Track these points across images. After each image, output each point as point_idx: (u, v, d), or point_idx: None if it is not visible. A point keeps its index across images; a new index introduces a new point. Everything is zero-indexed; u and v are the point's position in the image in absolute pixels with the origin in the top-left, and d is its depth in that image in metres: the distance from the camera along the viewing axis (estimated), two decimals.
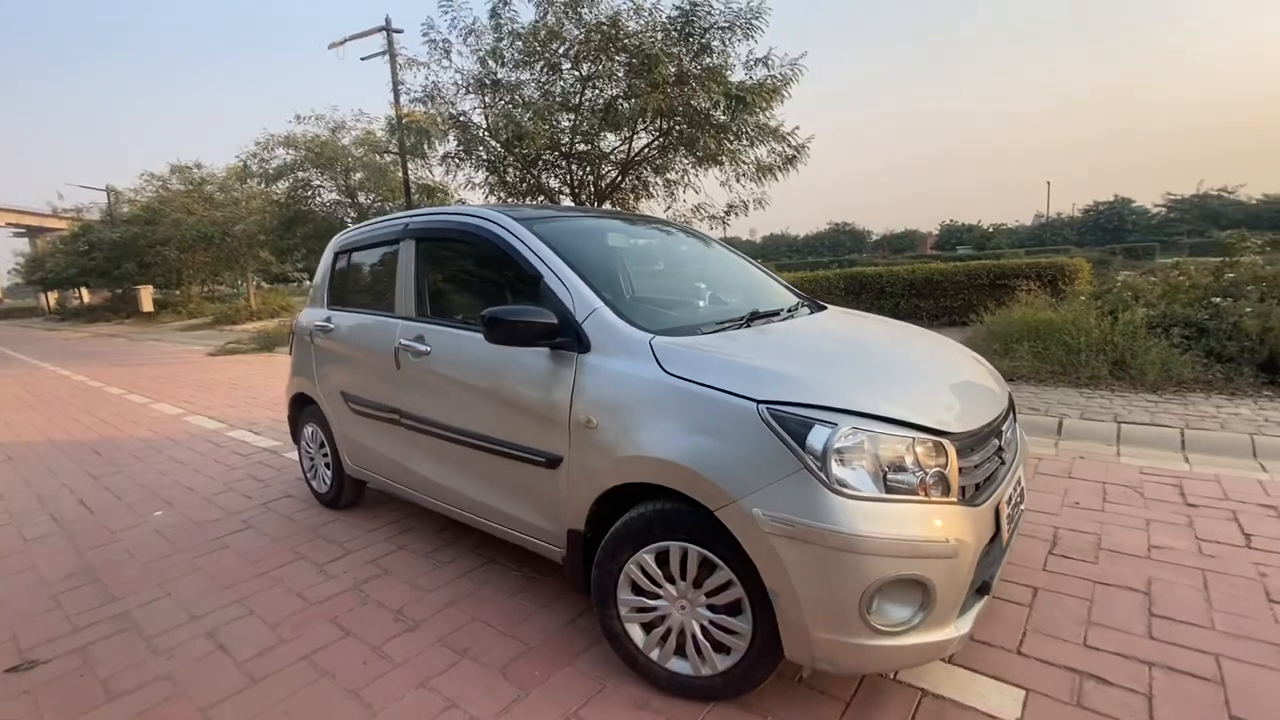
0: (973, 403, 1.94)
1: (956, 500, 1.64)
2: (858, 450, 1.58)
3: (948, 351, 2.43)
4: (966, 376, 2.16)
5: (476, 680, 2.02)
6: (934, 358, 2.28)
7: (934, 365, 2.18)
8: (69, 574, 2.94)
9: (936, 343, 2.54)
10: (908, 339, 2.51)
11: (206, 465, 4.64)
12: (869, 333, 2.54)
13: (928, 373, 2.09)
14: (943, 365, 2.21)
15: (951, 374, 2.14)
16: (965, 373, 2.20)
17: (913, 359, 2.21)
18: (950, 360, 2.30)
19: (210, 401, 7.29)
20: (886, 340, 2.44)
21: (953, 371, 2.17)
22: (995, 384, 2.25)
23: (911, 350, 2.33)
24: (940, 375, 2.09)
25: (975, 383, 2.13)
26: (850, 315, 2.86)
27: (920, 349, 2.37)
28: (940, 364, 2.22)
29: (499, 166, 12.29)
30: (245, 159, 15.92)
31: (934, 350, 2.39)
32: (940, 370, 2.15)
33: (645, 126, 11.37)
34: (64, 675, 2.16)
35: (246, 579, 2.81)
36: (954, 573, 1.58)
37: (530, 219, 2.49)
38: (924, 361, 2.20)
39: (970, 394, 2.01)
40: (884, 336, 2.51)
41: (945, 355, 2.36)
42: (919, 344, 2.45)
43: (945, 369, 2.17)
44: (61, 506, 3.89)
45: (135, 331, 22.12)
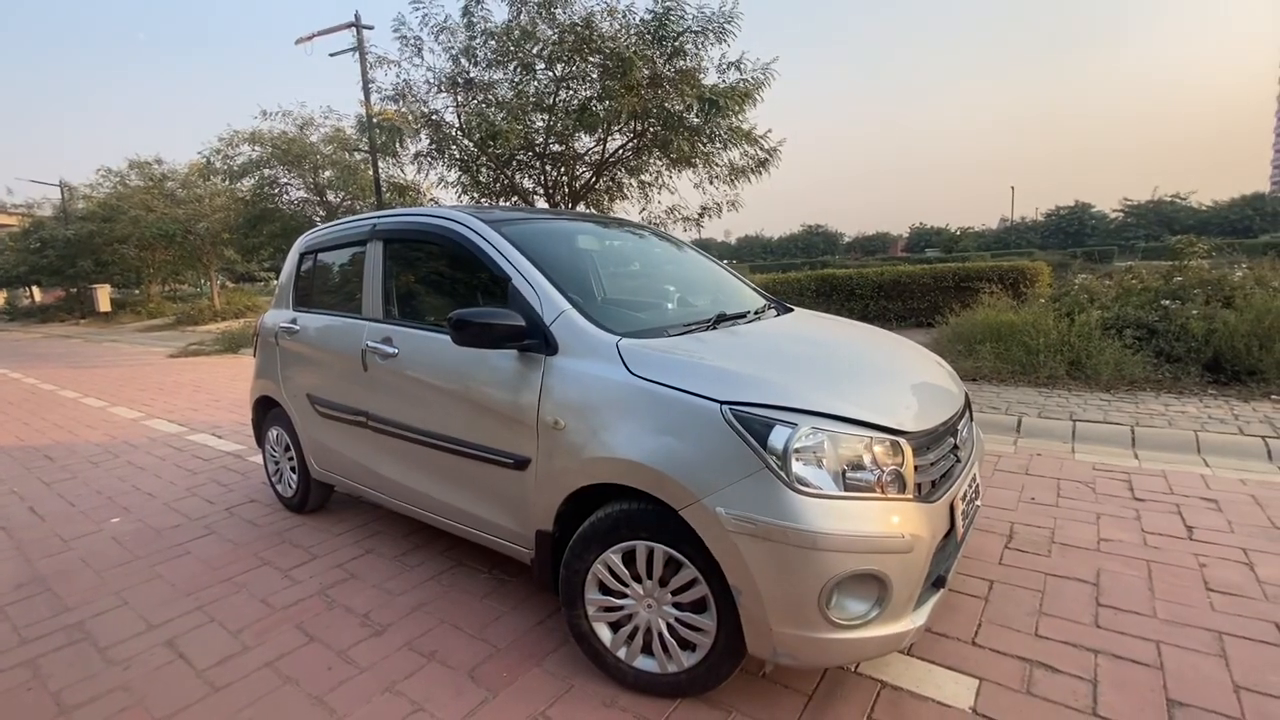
0: (929, 402, 2.01)
1: (913, 497, 1.69)
2: (817, 449, 1.62)
3: (907, 353, 2.50)
4: (924, 377, 2.23)
5: (444, 683, 2.01)
6: (893, 359, 2.35)
7: (893, 366, 2.25)
8: (18, 584, 2.85)
9: (896, 344, 2.61)
10: (868, 341, 2.58)
11: (167, 470, 4.52)
12: (832, 335, 2.60)
13: (887, 374, 2.15)
14: (902, 366, 2.28)
15: (910, 375, 2.20)
16: (923, 373, 2.27)
17: (873, 360, 2.27)
18: (909, 361, 2.37)
19: (171, 404, 7.10)
20: (848, 342, 2.51)
21: (911, 372, 2.24)
22: (952, 384, 2.32)
23: (872, 352, 2.39)
24: (899, 376, 2.16)
25: (932, 383, 2.20)
26: (815, 317, 2.92)
27: (880, 351, 2.44)
28: (899, 365, 2.28)
29: (472, 166, 12.20)
30: (209, 155, 15.51)
31: (893, 352, 2.46)
32: (899, 371, 2.21)
33: (620, 128, 11.40)
34: (12, 689, 2.09)
35: (208, 585, 2.75)
36: (910, 567, 1.64)
37: (499, 221, 2.49)
38: (883, 363, 2.26)
39: (927, 394, 2.08)
40: (846, 338, 2.57)
41: (904, 356, 2.42)
42: (879, 346, 2.52)
43: (904, 370, 2.24)
44: (10, 514, 3.75)
45: (92, 332, 21.35)
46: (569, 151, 11.95)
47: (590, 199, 12.79)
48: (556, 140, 11.74)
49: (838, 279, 9.55)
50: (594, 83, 10.63)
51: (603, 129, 10.93)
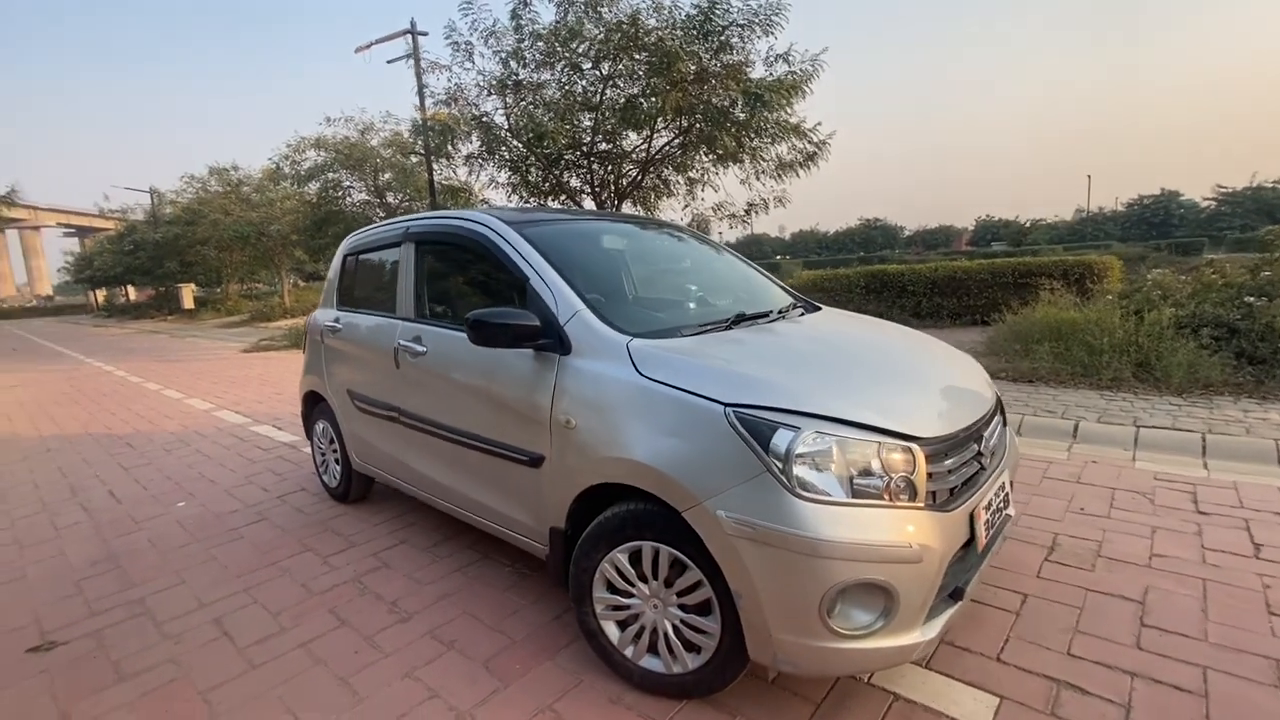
0: (951, 406, 1.93)
1: (925, 506, 1.63)
2: (821, 454, 1.59)
3: (933, 354, 2.40)
4: (949, 379, 2.14)
5: (460, 672, 2.08)
6: (916, 361, 2.26)
7: (915, 368, 2.17)
8: (93, 561, 3.11)
9: (923, 345, 2.51)
10: (893, 342, 2.49)
11: (230, 459, 4.83)
12: (855, 335, 2.53)
13: (907, 376, 2.07)
14: (925, 368, 2.19)
15: (933, 377, 2.12)
16: (948, 375, 2.18)
17: (893, 362, 2.19)
18: (934, 363, 2.28)
19: (240, 397, 7.56)
20: (871, 343, 2.43)
21: (934, 374, 2.15)
22: (981, 386, 2.22)
23: (894, 353, 2.31)
24: (920, 378, 2.08)
25: (957, 385, 2.11)
26: (842, 317, 2.84)
27: (904, 352, 2.35)
28: (922, 367, 2.20)
29: (521, 166, 12.44)
30: (278, 160, 16.42)
31: (918, 353, 2.37)
32: (921, 373, 2.13)
33: (666, 125, 11.39)
34: (79, 657, 2.29)
35: (256, 569, 2.93)
36: (919, 578, 1.58)
37: (522, 222, 2.54)
38: (905, 365, 2.18)
39: (950, 397, 1.99)
40: (870, 339, 2.49)
41: (929, 358, 2.33)
42: (903, 347, 2.43)
43: (926, 372, 2.16)
44: (92, 496, 4.10)
45: (176, 328, 22.98)
46: (616, 150, 12.03)
47: (637, 197, 12.83)
48: (604, 139, 11.84)
49: (889, 275, 9.24)
50: (640, 79, 10.66)
51: (649, 126, 10.95)
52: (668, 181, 12.80)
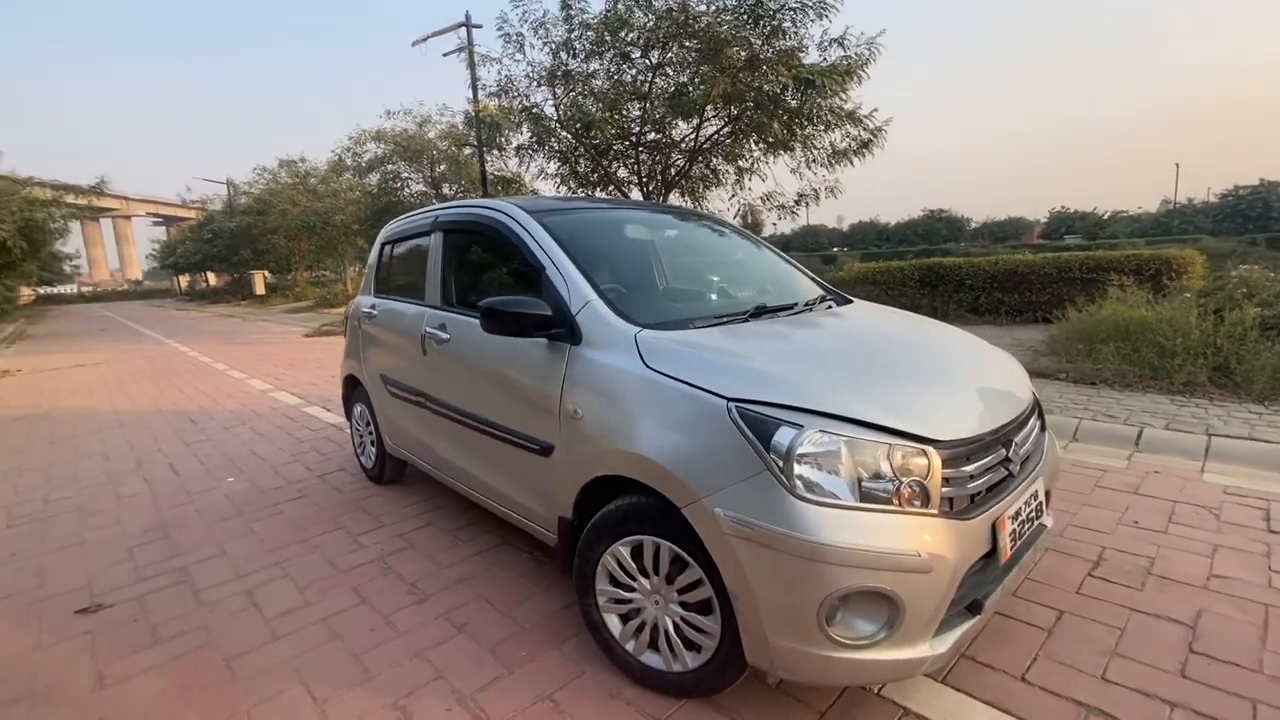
0: (978, 407, 1.81)
1: (938, 512, 1.54)
2: (826, 454, 1.51)
3: (967, 351, 2.26)
4: (981, 379, 2.00)
5: (468, 656, 2.11)
6: (947, 358, 2.13)
7: (944, 366, 2.04)
8: (146, 530, 3.31)
9: (954, 341, 2.37)
10: (924, 337, 2.36)
11: (280, 437, 5.06)
12: (881, 330, 2.41)
13: (933, 373, 1.95)
14: (954, 366, 2.06)
15: (962, 375, 1.99)
16: (981, 374, 2.04)
17: (920, 359, 2.07)
18: (966, 361, 2.14)
19: (297, 379, 7.93)
20: (897, 338, 2.31)
21: (965, 373, 2.02)
22: (1016, 387, 2.07)
23: (923, 349, 2.19)
24: (947, 376, 1.95)
25: (990, 386, 1.97)
26: (872, 311, 2.71)
27: (934, 348, 2.22)
28: (952, 365, 2.07)
29: (570, 157, 12.51)
30: (340, 153, 17.07)
31: (950, 350, 2.24)
32: (949, 371, 2.00)
33: (716, 113, 11.22)
34: (121, 620, 2.44)
35: (290, 544, 3.05)
36: (928, 589, 1.49)
37: (543, 211, 2.53)
38: (933, 362, 2.06)
39: (977, 397, 1.87)
40: (897, 335, 2.37)
41: (962, 355, 2.20)
42: (935, 343, 2.30)
43: (956, 370, 2.03)
44: (153, 469, 4.37)
45: (248, 312, 24.32)
46: (665, 139, 11.93)
47: (685, 187, 12.71)
48: (653, 128, 11.76)
49: (945, 268, 8.81)
50: (690, 67, 10.52)
51: (698, 114, 10.80)
52: (717, 171, 12.63)
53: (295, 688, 1.99)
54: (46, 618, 2.48)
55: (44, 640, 2.32)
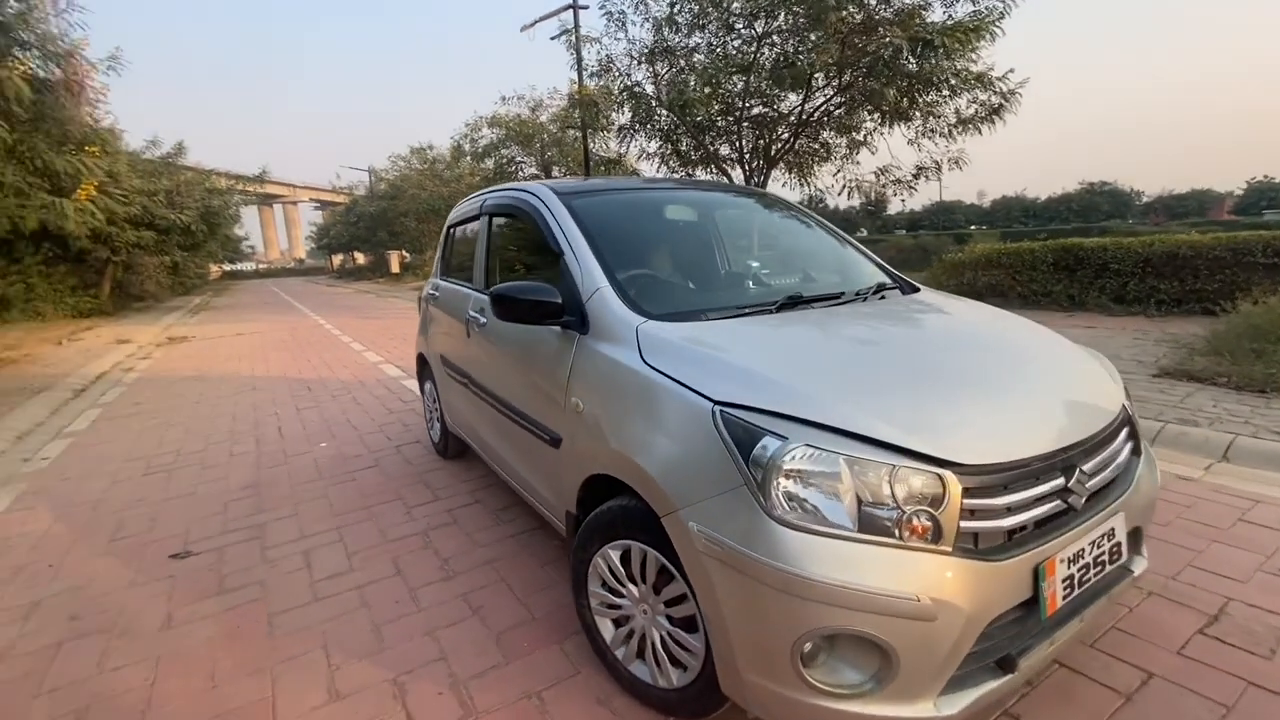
0: (1032, 425, 1.49)
1: (952, 549, 1.29)
2: (813, 471, 1.31)
3: (1038, 354, 1.89)
4: (1046, 388, 1.66)
5: (474, 639, 2.12)
6: (1005, 362, 1.79)
7: (997, 372, 1.71)
8: (244, 486, 3.69)
9: (1027, 342, 1.99)
10: (986, 335, 2.01)
11: (375, 408, 5.46)
12: (934, 326, 2.08)
13: (979, 381, 1.64)
14: (1012, 372, 1.72)
15: (1019, 384, 1.66)
16: (1047, 383, 1.69)
17: (969, 362, 1.75)
18: (1030, 366, 1.79)
19: (405, 353, 8.52)
20: (949, 336, 1.99)
21: (1023, 381, 1.68)
22: (1096, 400, 1.69)
23: (978, 350, 1.86)
24: (998, 385, 1.63)
25: (1056, 398, 1.63)
26: (935, 302, 2.36)
27: (994, 349, 1.88)
28: (1010, 370, 1.73)
29: (672, 136, 12.32)
30: (459, 140, 18.06)
31: (1013, 352, 1.88)
32: (1003, 379, 1.67)
33: (827, 82, 10.52)
34: (200, 568, 2.72)
35: (353, 510, 3.26)
36: (930, 639, 1.25)
37: (573, 193, 2.44)
38: (984, 366, 1.73)
39: (1036, 412, 1.55)
40: (951, 331, 2.04)
41: (1028, 359, 1.84)
42: (998, 343, 1.95)
43: (1014, 377, 1.69)
44: (265, 431, 4.87)
45: (383, 289, 26.63)
46: (771, 113, 11.38)
47: (791, 162, 12.10)
48: (761, 101, 11.25)
49: (1085, 250, 7.63)
50: (797, 34, 9.91)
51: (805, 84, 10.17)
52: (827, 145, 11.88)
53: (317, 651, 2.10)
54: (146, 559, 2.83)
55: (137, 579, 2.65)
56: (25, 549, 2.98)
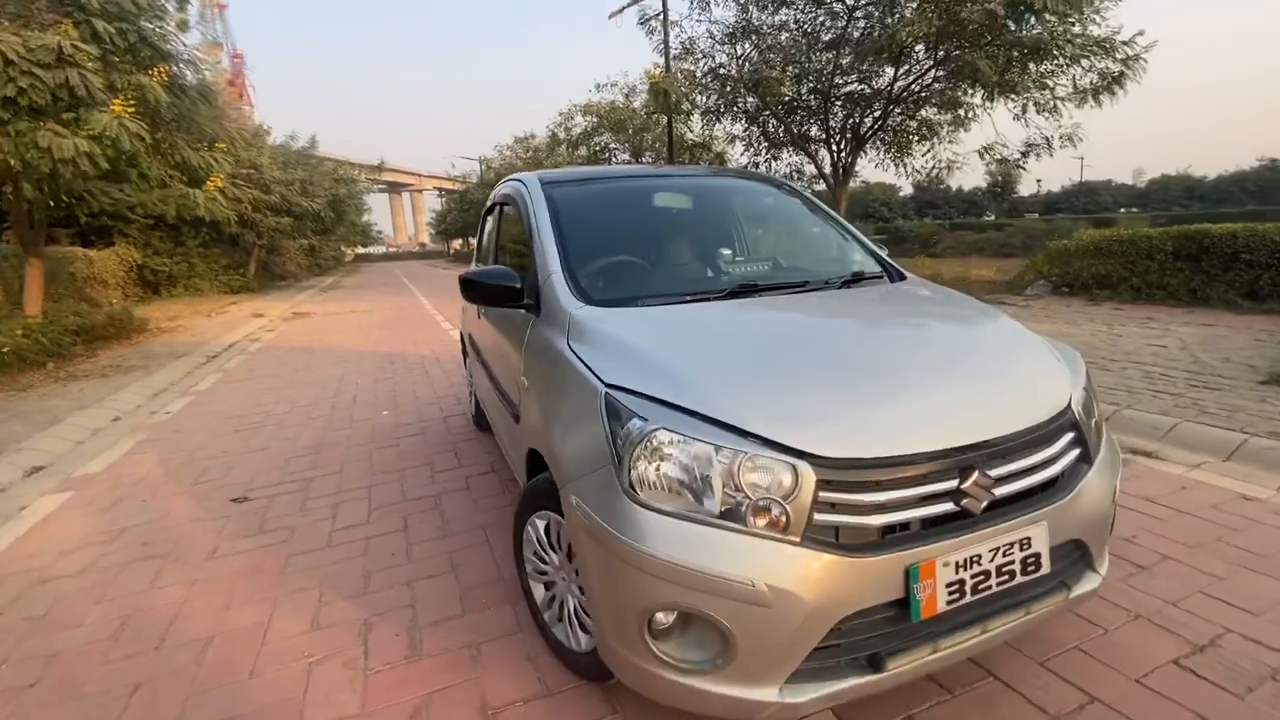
0: (923, 421, 1.43)
1: (800, 540, 1.29)
2: (667, 453, 1.36)
3: (971, 349, 1.81)
4: (958, 386, 1.57)
5: (442, 593, 2.34)
6: (930, 354, 1.72)
7: (914, 365, 1.63)
8: (309, 445, 4.19)
9: (972, 336, 1.90)
10: (929, 326, 1.96)
11: (440, 382, 5.92)
12: (879, 314, 2.03)
13: (882, 374, 1.58)
14: (930, 366, 1.64)
15: (930, 379, 1.57)
16: (966, 380, 1.60)
17: (884, 351, 1.71)
18: (959, 361, 1.71)
19: None
20: (887, 325, 1.95)
21: (936, 376, 1.59)
22: (1019, 401, 1.57)
23: (909, 341, 1.82)
24: (904, 379, 1.56)
25: (967, 395, 1.54)
26: (906, 290, 2.26)
27: (927, 341, 1.84)
28: (930, 364, 1.65)
29: (757, 118, 12.05)
30: (554, 128, 18.64)
31: (947, 345, 1.82)
32: (917, 372, 1.59)
33: (928, 54, 9.84)
34: (250, 511, 3.16)
35: (387, 471, 3.62)
36: (770, 626, 1.27)
37: (555, 181, 2.56)
38: (901, 359, 1.67)
39: (935, 409, 1.47)
40: (894, 320, 1.99)
41: (957, 353, 1.75)
42: (938, 334, 1.91)
43: (929, 371, 1.61)
44: (342, 398, 5.45)
45: None
46: (864, 90, 10.81)
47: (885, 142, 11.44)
48: (858, 78, 10.72)
49: (1211, 238, 6.61)
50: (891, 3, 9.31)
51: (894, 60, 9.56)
52: (929, 123, 11.12)
53: (314, 589, 2.41)
54: (213, 501, 3.32)
55: (201, 517, 3.13)
56: (128, 485, 3.60)
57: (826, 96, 10.55)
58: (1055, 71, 8.89)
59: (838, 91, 10.90)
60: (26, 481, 3.76)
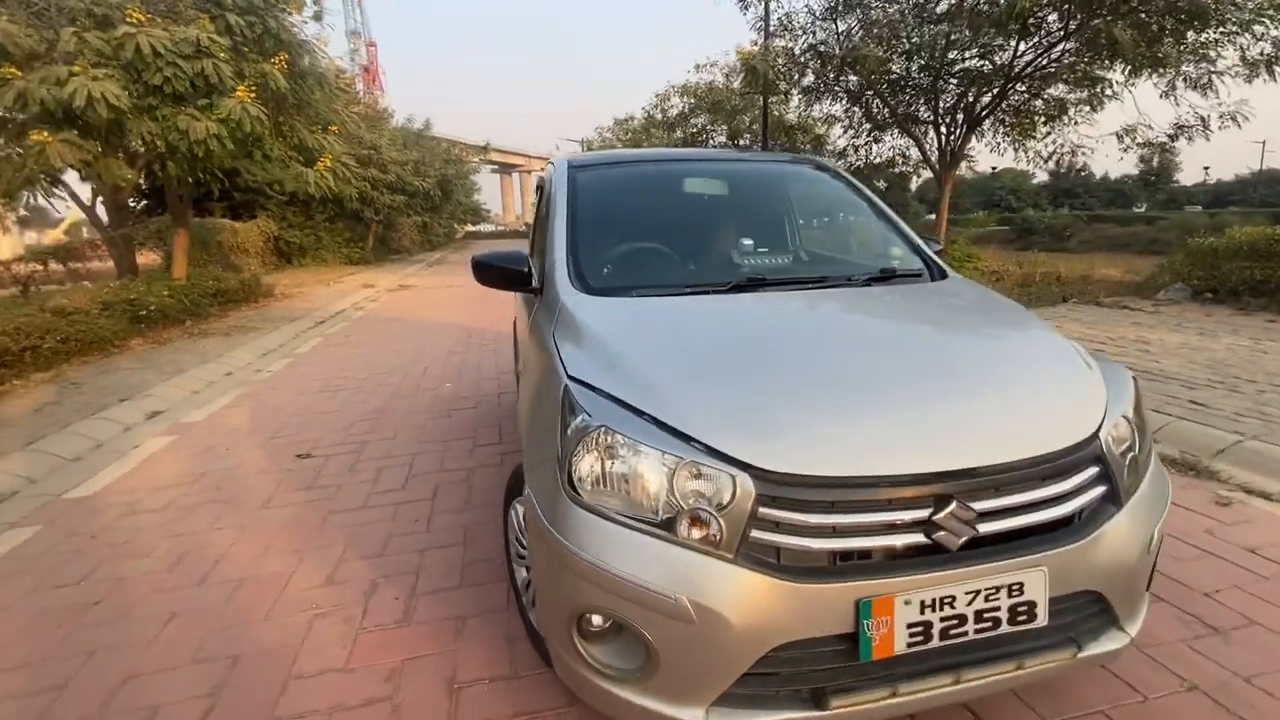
0: (897, 441, 1.28)
1: (734, 557, 1.20)
2: (607, 453, 1.31)
3: (984, 363, 1.59)
4: (954, 406, 1.39)
5: (446, 564, 2.42)
6: (929, 367, 1.53)
7: (906, 378, 1.46)
8: (373, 410, 4.48)
9: (993, 349, 1.68)
10: (945, 333, 1.74)
11: (505, 358, 6.11)
12: (888, 317, 1.85)
13: (863, 385, 1.43)
14: (925, 380, 1.46)
15: (920, 395, 1.40)
16: (964, 399, 1.41)
17: (882, 363, 1.53)
18: (964, 377, 1.50)
19: None
20: (893, 330, 1.77)
21: (929, 392, 1.42)
22: (1028, 427, 1.36)
23: (912, 349, 1.63)
24: (887, 393, 1.40)
25: (961, 416, 1.36)
26: (937, 290, 2.04)
27: (935, 351, 1.64)
28: (926, 378, 1.47)
29: (860, 97, 11.36)
30: (649, 110, 18.55)
31: (958, 357, 1.61)
32: (906, 386, 1.42)
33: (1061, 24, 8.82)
34: (309, 467, 3.44)
35: (434, 441, 3.80)
36: (693, 644, 1.20)
37: (584, 165, 2.54)
38: (892, 370, 1.49)
39: (915, 428, 1.31)
40: (903, 323, 1.80)
41: (965, 368, 1.55)
42: (953, 343, 1.69)
43: (921, 386, 1.43)
44: (413, 369, 5.77)
45: None
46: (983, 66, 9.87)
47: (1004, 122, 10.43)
48: (978, 52, 9.81)
49: None
50: None
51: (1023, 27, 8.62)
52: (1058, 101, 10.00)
53: (340, 546, 2.59)
54: (282, 455, 3.64)
55: (267, 468, 3.44)
56: (220, 434, 4.03)
57: (938, 73, 9.73)
58: (1220, 41, 7.67)
59: (951, 68, 10.03)
60: (144, 424, 4.31)
